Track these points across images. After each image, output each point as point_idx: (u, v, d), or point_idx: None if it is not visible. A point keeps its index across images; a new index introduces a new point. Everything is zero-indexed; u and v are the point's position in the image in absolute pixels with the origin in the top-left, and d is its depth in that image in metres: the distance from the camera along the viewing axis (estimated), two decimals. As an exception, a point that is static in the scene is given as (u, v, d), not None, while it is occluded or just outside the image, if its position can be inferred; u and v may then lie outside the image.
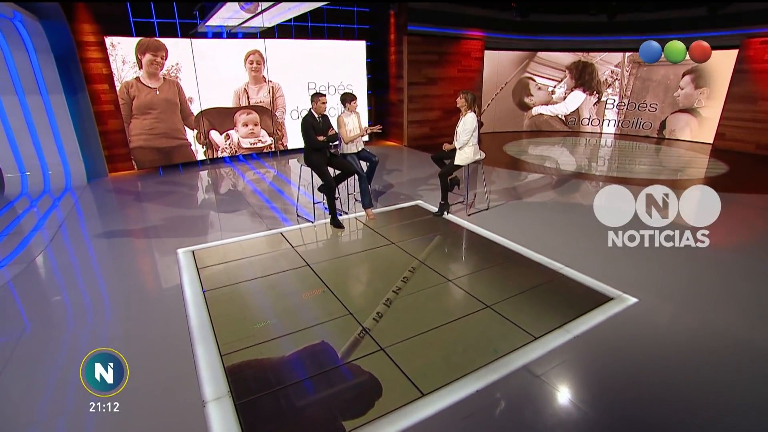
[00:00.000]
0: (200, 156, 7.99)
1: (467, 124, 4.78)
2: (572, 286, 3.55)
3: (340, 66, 8.87)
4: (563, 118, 11.17)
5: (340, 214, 5.14)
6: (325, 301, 3.35)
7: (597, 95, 10.75)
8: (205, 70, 7.60)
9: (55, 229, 4.88)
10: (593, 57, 10.53)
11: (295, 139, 8.82)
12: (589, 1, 8.74)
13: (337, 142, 4.99)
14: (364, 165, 5.32)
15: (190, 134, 7.77)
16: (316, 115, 4.68)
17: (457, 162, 4.93)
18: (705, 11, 8.28)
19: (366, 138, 5.29)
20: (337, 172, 4.96)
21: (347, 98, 5.10)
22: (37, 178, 6.37)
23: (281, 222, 5.06)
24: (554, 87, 10.95)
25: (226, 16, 6.29)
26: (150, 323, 3.12)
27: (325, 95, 4.66)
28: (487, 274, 3.78)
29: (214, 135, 8.03)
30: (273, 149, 8.73)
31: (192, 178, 7.27)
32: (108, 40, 6.63)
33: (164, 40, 7.11)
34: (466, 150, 4.88)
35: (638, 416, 2.23)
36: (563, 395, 2.37)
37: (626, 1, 8.52)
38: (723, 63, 8.78)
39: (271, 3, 5.24)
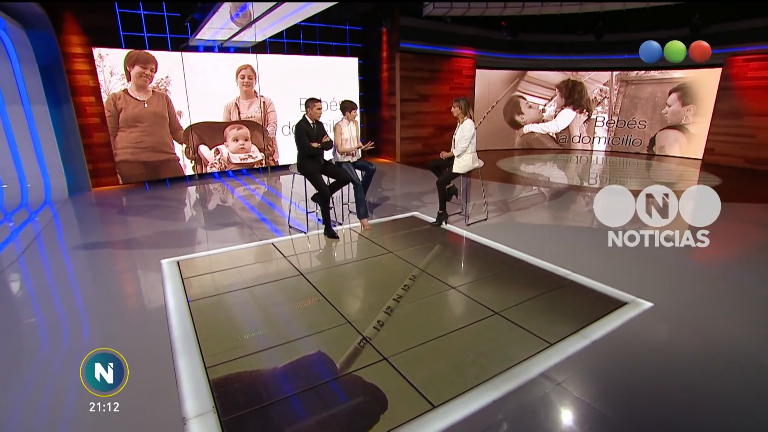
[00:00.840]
0: (188, 171, 7.76)
1: (465, 131, 4.68)
2: (582, 291, 3.39)
3: (332, 82, 8.83)
4: (554, 136, 11.25)
5: (334, 225, 4.92)
6: (321, 310, 3.11)
7: (587, 113, 10.89)
8: (196, 83, 7.48)
9: (30, 240, 4.57)
10: (582, 76, 10.72)
11: (286, 155, 8.66)
12: (577, 21, 8.92)
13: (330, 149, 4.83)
14: (360, 174, 5.15)
15: (179, 148, 7.57)
16: (311, 121, 4.53)
17: (455, 170, 4.79)
18: (688, 31, 8.49)
19: (359, 156, 5.15)
20: (332, 180, 4.79)
21: (348, 106, 4.97)
22: (14, 191, 6.05)
23: (272, 233, 4.83)
24: (544, 105, 11.08)
25: (217, 26, 6.21)
26: (127, 334, 2.83)
27: (320, 101, 4.53)
28: (492, 282, 3.58)
29: (204, 150, 7.84)
30: (264, 165, 8.55)
31: (179, 193, 7.02)
32: (96, 51, 6.48)
33: (154, 53, 7.00)
34: (464, 157, 4.76)
35: (667, 422, 2.04)
36: (587, 402, 2.15)
37: (613, 21, 8.71)
38: (708, 80, 8.99)
39: (267, 5, 5.15)
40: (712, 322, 2.98)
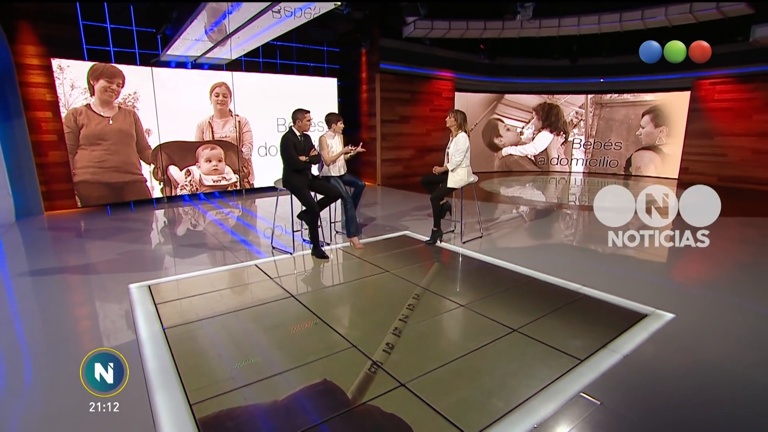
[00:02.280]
0: (156, 193, 7.22)
1: (459, 144, 4.52)
2: (597, 305, 3.20)
3: (310, 102, 8.56)
4: (533, 158, 11.40)
5: (322, 245, 4.54)
6: (320, 334, 2.73)
7: (564, 135, 11.12)
8: (167, 100, 7.06)
9: (-32, 267, 3.96)
10: (558, 99, 11.00)
11: (262, 177, 8.27)
12: (553, 45, 9.18)
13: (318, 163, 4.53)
14: (348, 191, 4.85)
15: (146, 169, 7.05)
16: (298, 134, 4.24)
17: (449, 185, 4.59)
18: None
19: (345, 169, 4.86)
20: (320, 196, 4.46)
21: (333, 118, 4.71)
22: (-49, 215, 5.36)
23: (255, 255, 4.41)
24: (522, 128, 11.25)
25: (190, 39, 5.90)
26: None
27: (309, 111, 4.25)
28: (501, 298, 3.31)
29: (174, 171, 7.34)
30: (238, 187, 8.11)
31: (146, 216, 6.45)
32: (55, 62, 5.98)
33: (121, 67, 6.57)
34: (459, 172, 4.58)
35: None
36: (638, 423, 1.89)
37: (587, 46, 9.02)
38: (678, 103, 9.37)
39: (243, 17, 4.91)
40: (743, 330, 2.82)
